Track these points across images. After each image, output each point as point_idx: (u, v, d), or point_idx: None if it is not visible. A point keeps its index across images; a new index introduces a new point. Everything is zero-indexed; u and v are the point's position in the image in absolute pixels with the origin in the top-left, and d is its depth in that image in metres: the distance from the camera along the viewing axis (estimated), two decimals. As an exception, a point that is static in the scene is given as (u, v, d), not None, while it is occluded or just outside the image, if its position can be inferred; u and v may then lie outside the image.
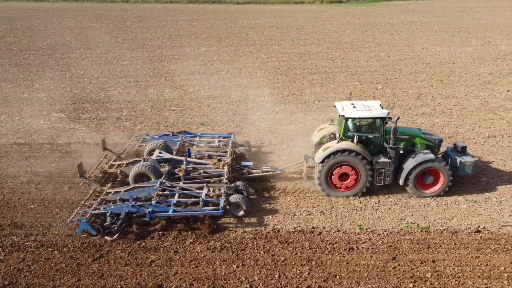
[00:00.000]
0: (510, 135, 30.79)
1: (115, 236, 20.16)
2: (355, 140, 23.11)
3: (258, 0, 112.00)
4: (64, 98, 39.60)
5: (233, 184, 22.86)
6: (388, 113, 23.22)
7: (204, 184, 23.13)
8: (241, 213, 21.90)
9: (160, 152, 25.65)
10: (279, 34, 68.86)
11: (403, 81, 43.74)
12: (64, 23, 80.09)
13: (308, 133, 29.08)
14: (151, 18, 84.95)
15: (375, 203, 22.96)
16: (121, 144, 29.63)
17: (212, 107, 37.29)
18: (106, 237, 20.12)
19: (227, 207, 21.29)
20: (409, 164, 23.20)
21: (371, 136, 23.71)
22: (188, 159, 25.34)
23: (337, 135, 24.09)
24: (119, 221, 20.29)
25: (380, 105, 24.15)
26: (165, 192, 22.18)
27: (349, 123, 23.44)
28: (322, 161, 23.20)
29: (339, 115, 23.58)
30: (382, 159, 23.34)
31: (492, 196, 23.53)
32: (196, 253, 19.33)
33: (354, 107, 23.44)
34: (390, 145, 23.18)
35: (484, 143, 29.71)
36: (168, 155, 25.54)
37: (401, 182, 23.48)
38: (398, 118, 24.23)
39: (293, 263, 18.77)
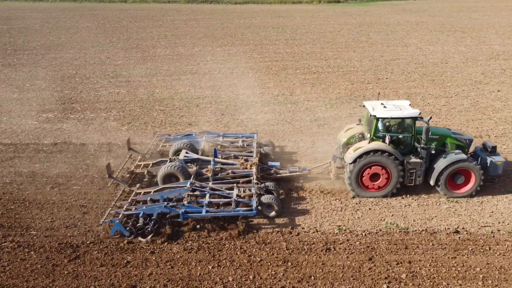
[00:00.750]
0: (496, 135, 30.70)
1: (149, 237, 20.12)
2: (387, 140, 22.87)
3: (256, 0, 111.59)
4: (54, 98, 39.58)
5: (263, 184, 22.75)
6: (420, 113, 22.96)
7: (234, 185, 23.02)
8: (273, 213, 21.70)
9: (186, 152, 25.39)
10: (274, 34, 68.77)
11: (394, 81, 43.64)
12: (61, 23, 79.97)
13: (295, 133, 29.09)
14: (147, 18, 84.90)
15: (356, 203, 23.00)
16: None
17: (201, 107, 37.29)
18: (139, 238, 20.14)
19: (259, 207, 21.08)
20: (440, 164, 22.99)
21: (402, 136, 23.48)
22: (216, 159, 25.07)
23: (366, 135, 23.78)
24: (152, 222, 20.22)
25: (410, 104, 23.87)
26: (195, 193, 22.13)
27: (379, 123, 23.04)
28: (353, 162, 22.97)
29: (370, 115, 23.29)
30: (414, 159, 23.15)
31: (474, 196, 23.20)
32: (173, 254, 19.31)
33: (385, 107, 23.06)
34: (422, 145, 22.99)
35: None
36: (195, 155, 25.47)
37: (432, 182, 23.31)
38: (431, 117, 23.58)
39: (269, 263, 18.75)
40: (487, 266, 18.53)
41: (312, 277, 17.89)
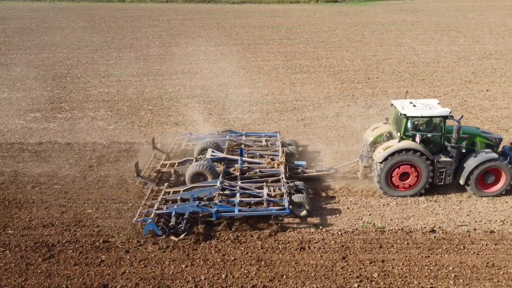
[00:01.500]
0: (482, 135, 30.32)
1: (182, 236, 20.15)
2: (417, 139, 22.75)
3: (253, 0, 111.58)
4: (43, 97, 39.74)
5: (292, 184, 22.65)
6: (450, 112, 23.00)
7: (264, 184, 23.04)
8: (304, 212, 21.65)
9: (213, 151, 25.33)
10: (269, 34, 68.85)
11: (384, 81, 43.67)
12: (57, 22, 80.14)
13: (281, 133, 29.20)
14: (144, 18, 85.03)
15: (335, 202, 22.83)
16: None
17: (189, 106, 37.38)
18: (172, 237, 20.14)
19: (290, 206, 20.83)
20: (470, 163, 22.83)
21: (432, 135, 23.34)
22: (243, 158, 25.04)
23: (395, 134, 23.83)
24: (184, 221, 20.21)
25: (438, 103, 23.79)
26: (225, 192, 22.07)
27: (409, 122, 22.76)
28: (383, 161, 22.85)
29: (400, 114, 22.92)
30: (444, 158, 22.98)
31: (453, 196, 23.49)
32: (147, 253, 19.37)
33: (414, 105, 22.95)
34: (452, 144, 22.92)
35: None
36: (221, 154, 25.34)
37: (462, 181, 23.11)
38: (462, 116, 23.27)
39: (242, 262, 18.80)
40: (460, 265, 18.56)
41: (284, 276, 17.89)
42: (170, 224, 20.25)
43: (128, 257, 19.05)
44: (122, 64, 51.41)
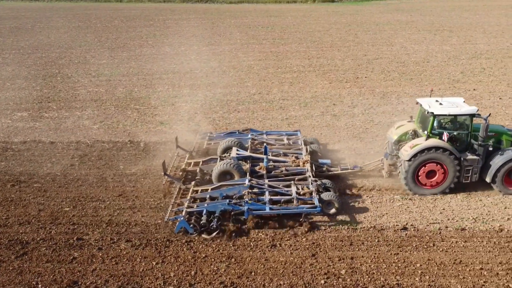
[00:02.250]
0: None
1: (213, 234, 20.24)
2: (445, 137, 23.00)
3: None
4: (32, 97, 40.03)
5: (320, 182, 22.75)
6: (477, 110, 23.04)
7: (292, 182, 23.16)
8: (333, 210, 21.66)
9: (237, 150, 25.51)
10: (263, 34, 69.10)
11: (373, 80, 43.87)
12: (53, 22, 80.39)
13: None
14: (140, 18, 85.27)
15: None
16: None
17: (176, 106, 37.59)
18: (203, 236, 20.23)
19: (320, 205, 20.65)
20: (497, 161, 22.79)
21: (459, 133, 23.40)
22: (269, 156, 25.21)
23: (420, 133, 24.08)
24: (215, 219, 20.23)
25: (464, 101, 23.97)
26: (253, 190, 22.15)
27: (436, 120, 22.66)
28: (411, 159, 22.90)
29: (427, 112, 22.86)
30: (470, 156, 22.95)
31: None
32: (120, 250, 19.62)
33: (440, 104, 23.05)
34: (479, 142, 23.03)
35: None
36: (246, 153, 25.29)
37: (488, 179, 23.04)
38: (489, 114, 23.53)
39: (213, 259, 19.02)
40: (428, 262, 18.75)
41: (253, 273, 18.11)
42: (202, 222, 20.36)
43: (100, 255, 19.27)
44: (113, 63, 51.68)
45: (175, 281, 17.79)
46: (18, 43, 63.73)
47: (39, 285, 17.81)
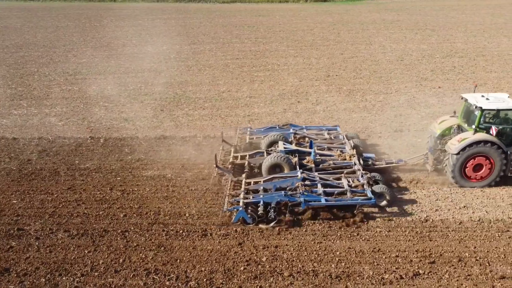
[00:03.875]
0: (416, 129, 31.65)
1: (272, 223, 20.80)
2: (493, 131, 23.63)
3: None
4: (5, 95, 40.93)
5: (370, 175, 22.99)
6: None
7: (342, 175, 23.48)
8: (384, 203, 22.07)
9: (284, 144, 25.79)
10: (247, 33, 69.98)
11: (343, 78, 44.72)
12: (43, 22, 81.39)
13: (224, 127, 31.80)
14: (130, 17, 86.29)
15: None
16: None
17: (145, 103, 38.54)
18: (261, 226, 20.85)
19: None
20: None
21: (504, 127, 23.67)
22: (316, 150, 25.88)
23: (465, 127, 24.77)
24: (272, 209, 20.73)
25: (508, 96, 24.60)
26: (306, 183, 22.55)
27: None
28: (459, 152, 23.27)
29: (475, 106, 23.26)
30: None
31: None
32: (56, 240, 20.34)
33: (487, 99, 23.41)
34: None
35: (388, 137, 30.56)
36: (293, 147, 25.74)
37: None
38: None
39: (143, 248, 19.73)
40: (348, 250, 19.52)
41: (178, 260, 18.97)
42: (259, 212, 21.08)
43: (37, 244, 20.08)
44: (93, 62, 52.61)
45: (102, 268, 18.57)
46: (3, 42, 64.71)
47: (-28, 272, 18.10)
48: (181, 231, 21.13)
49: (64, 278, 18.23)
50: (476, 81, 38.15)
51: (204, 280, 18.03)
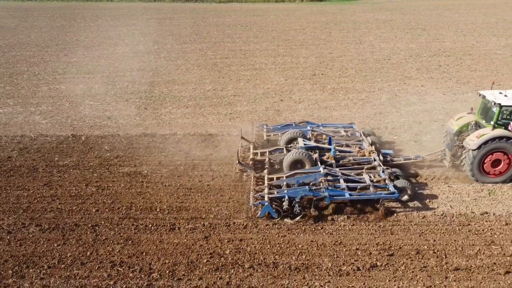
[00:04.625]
0: (394, 127, 32.16)
1: (297, 218, 21.28)
2: (511, 127, 23.98)
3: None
4: (-8, 94, 41.13)
5: (391, 170, 23.43)
6: None
7: (363, 170, 23.92)
8: (405, 197, 22.49)
9: (304, 140, 26.25)
10: (239, 32, 70.43)
11: (328, 77, 45.21)
12: (38, 22, 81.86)
13: (205, 126, 32.95)
14: (125, 17, 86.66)
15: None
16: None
17: (130, 101, 39.08)
18: (287, 220, 21.31)
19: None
20: None
21: None
22: (336, 147, 26.37)
23: (483, 123, 25.06)
24: (297, 204, 21.17)
25: None
26: (328, 178, 22.91)
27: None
28: (478, 148, 23.42)
29: (493, 103, 23.55)
30: None
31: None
32: (27, 234, 20.87)
33: (505, 95, 23.57)
34: None
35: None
36: (313, 143, 26.26)
37: None
38: None
39: (112, 241, 20.27)
40: (310, 243, 20.01)
41: (144, 253, 19.49)
42: (284, 207, 21.71)
43: (8, 237, 20.63)
44: (84, 61, 53.09)
45: (69, 261, 19.11)
46: (-4, 42, 64.66)
47: None
48: (150, 225, 21.44)
49: (31, 270, 18.74)
50: (461, 80, 38.51)
51: (167, 272, 18.48)
